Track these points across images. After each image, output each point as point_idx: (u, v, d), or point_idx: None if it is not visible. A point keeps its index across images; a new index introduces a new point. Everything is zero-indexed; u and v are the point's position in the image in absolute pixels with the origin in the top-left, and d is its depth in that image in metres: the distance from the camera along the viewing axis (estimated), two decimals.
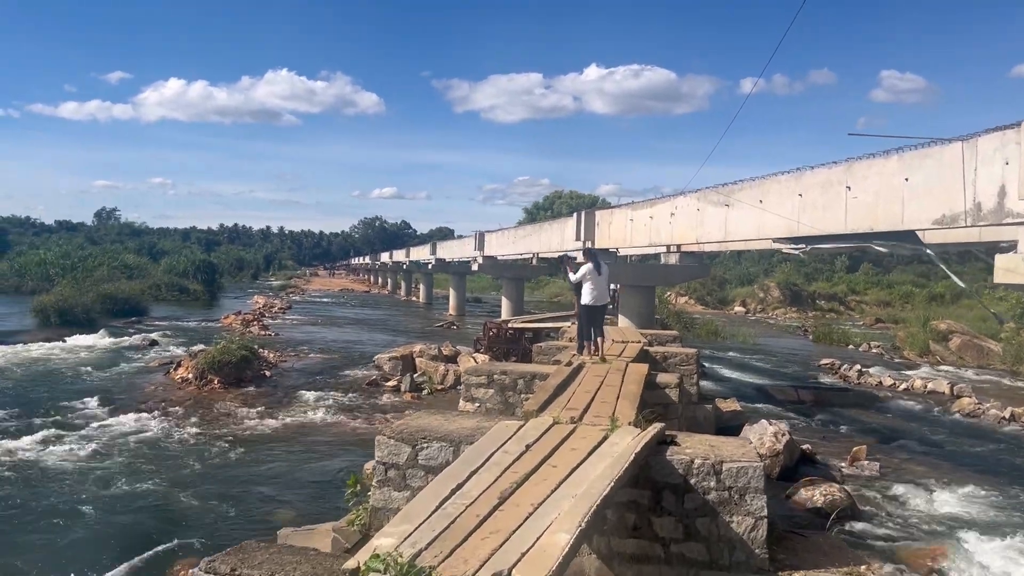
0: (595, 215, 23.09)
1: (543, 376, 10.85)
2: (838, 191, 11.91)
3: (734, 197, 14.87)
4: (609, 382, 9.79)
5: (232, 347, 21.52)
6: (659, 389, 10.68)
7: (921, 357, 34.23)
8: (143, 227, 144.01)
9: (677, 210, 17.67)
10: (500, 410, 11.07)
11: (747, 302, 70.41)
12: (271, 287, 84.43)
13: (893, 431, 18.94)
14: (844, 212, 11.73)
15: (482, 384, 11.16)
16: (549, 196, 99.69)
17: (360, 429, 16.36)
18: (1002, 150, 8.99)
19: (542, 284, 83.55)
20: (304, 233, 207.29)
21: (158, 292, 55.56)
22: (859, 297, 73.98)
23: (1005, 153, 8.93)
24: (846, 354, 35.11)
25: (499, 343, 23.55)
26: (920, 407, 22.27)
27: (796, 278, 77.07)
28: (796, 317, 62.92)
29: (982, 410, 21.17)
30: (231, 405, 18.19)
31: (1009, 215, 8.85)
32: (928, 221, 10.12)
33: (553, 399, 8.56)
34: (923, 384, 24.93)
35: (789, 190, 13.21)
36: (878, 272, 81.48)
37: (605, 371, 10.68)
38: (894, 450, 16.89)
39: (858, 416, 20.72)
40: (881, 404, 22.54)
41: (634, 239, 20.43)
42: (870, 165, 11.27)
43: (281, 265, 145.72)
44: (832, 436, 18.10)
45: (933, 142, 10.10)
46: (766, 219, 13.87)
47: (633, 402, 8.48)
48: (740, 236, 15.22)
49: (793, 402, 22.13)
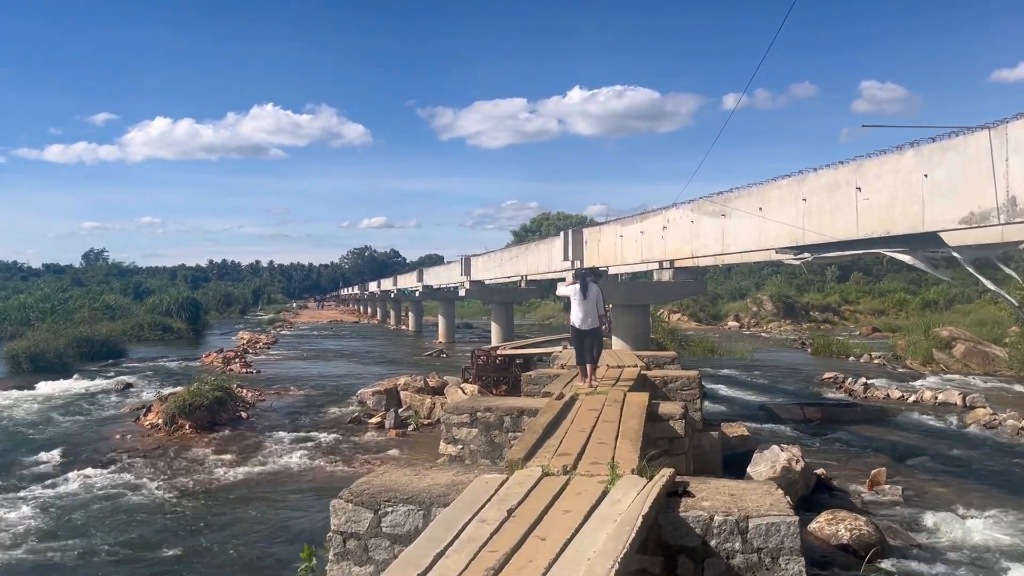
0: (583, 233, 22.04)
1: (532, 411, 9.69)
2: (847, 193, 10.87)
3: (731, 206, 13.83)
4: (606, 416, 8.64)
5: (205, 388, 20.28)
6: (662, 421, 9.53)
7: (925, 366, 33.23)
8: (131, 267, 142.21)
9: (669, 223, 16.62)
10: (485, 451, 9.89)
11: (740, 316, 69.54)
12: (259, 322, 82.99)
13: (908, 448, 17.82)
14: (855, 216, 10.68)
15: (464, 423, 9.99)
16: (536, 218, 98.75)
17: (339, 474, 15.10)
18: None
19: (533, 307, 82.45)
20: (294, 266, 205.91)
21: (140, 332, 54.16)
22: (852, 307, 73.29)
23: None
24: (848, 366, 34.05)
25: (488, 371, 22.38)
26: (933, 420, 21.18)
27: (788, 290, 76.40)
28: (791, 330, 62.07)
29: (998, 421, 20.09)
30: (201, 452, 16.92)
31: None
32: (953, 221, 9.07)
33: (542, 442, 7.40)
34: (933, 396, 23.84)
35: (791, 195, 12.18)
36: (869, 281, 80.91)
37: (601, 403, 9.53)
38: (913, 471, 15.77)
39: (869, 433, 19.62)
40: (892, 419, 21.44)
41: (625, 256, 19.36)
42: (882, 163, 10.24)
43: (270, 299, 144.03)
44: (846, 457, 16.97)
45: (954, 132, 9.07)
46: (767, 228, 12.83)
47: (635, 441, 7.32)
48: (739, 247, 14.15)
49: (799, 420, 21.03)
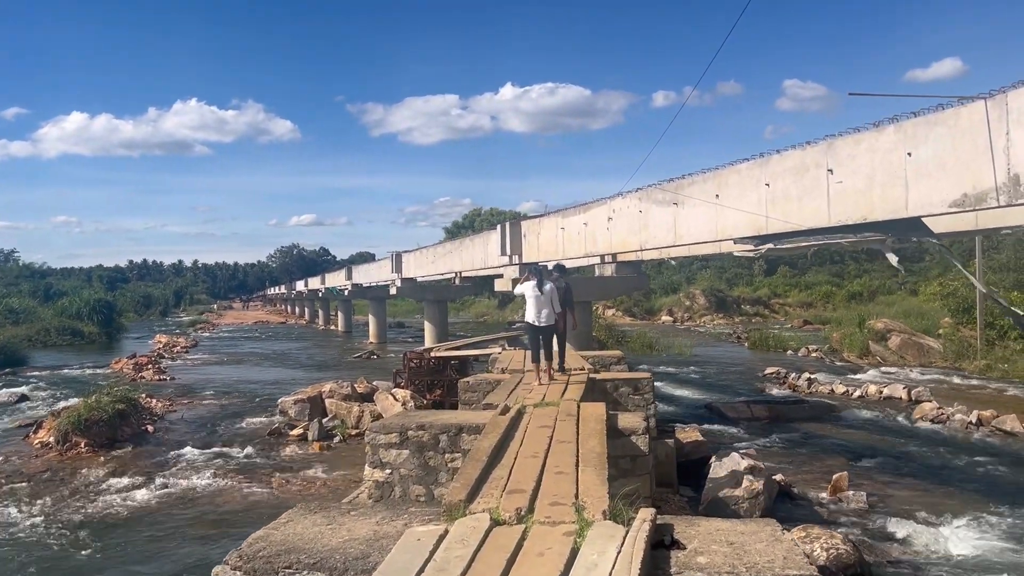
0: (521, 226, 20.77)
1: (473, 427, 8.33)
2: (816, 176, 9.84)
3: (684, 193, 12.72)
4: (561, 435, 7.34)
5: (105, 400, 18.28)
6: (622, 437, 8.30)
7: (861, 358, 33.09)
8: (44, 268, 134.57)
9: (615, 214, 15.45)
10: (418, 477, 8.49)
11: (674, 311, 69.58)
12: (180, 324, 79.45)
13: (862, 448, 17.13)
14: (826, 201, 9.65)
15: (393, 444, 8.55)
16: (469, 214, 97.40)
17: (253, 496, 13.48)
18: None
19: (467, 304, 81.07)
20: (219, 265, 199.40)
21: (47, 337, 50.93)
22: (781, 300, 74.28)
23: None
24: (787, 360, 33.75)
25: (421, 375, 20.90)
26: (881, 416, 20.65)
27: (719, 284, 77.07)
28: (724, 323, 62.34)
29: (945, 415, 19.64)
30: (97, 473, 15.03)
31: None
32: (943, 204, 8.08)
33: (488, 474, 6.06)
34: (877, 390, 23.39)
35: (753, 180, 11.12)
36: (795, 273, 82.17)
37: (553, 417, 8.22)
38: (872, 472, 15.01)
39: (820, 432, 18.91)
40: (840, 415, 20.84)
41: (567, 250, 18.15)
42: (858, 141, 9.21)
43: (193, 300, 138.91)
44: (801, 459, 16.14)
45: (942, 105, 8.07)
46: (725, 216, 11.75)
47: (600, 470, 6.04)
48: (693, 238, 13.05)
49: (747, 419, 20.25)
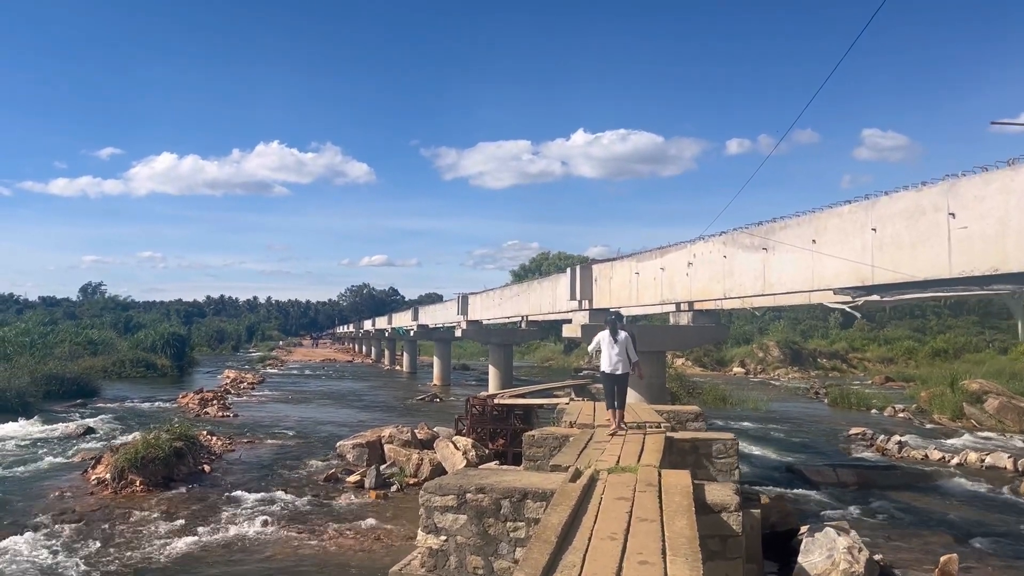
0: (592, 270, 19.85)
1: (538, 494, 7.40)
2: (935, 221, 8.70)
3: (774, 238, 11.65)
4: (642, 511, 6.34)
5: (163, 438, 17.90)
6: (711, 513, 7.23)
7: (955, 421, 30.83)
8: (127, 301, 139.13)
9: (696, 259, 14.42)
10: (476, 547, 7.56)
11: (746, 362, 67.28)
12: (250, 359, 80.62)
13: (967, 524, 15.45)
14: (947, 249, 8.50)
15: (449, 507, 7.67)
16: (536, 258, 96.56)
17: (304, 549, 12.70)
18: None
19: (532, 348, 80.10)
20: (291, 303, 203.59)
21: (121, 369, 51.95)
22: (859, 354, 71.23)
23: None
24: (871, 420, 31.75)
25: (484, 423, 20.01)
26: (984, 488, 18.79)
27: (794, 336, 74.48)
28: (799, 377, 59.88)
29: None
30: (148, 515, 14.53)
31: None
32: None
33: (557, 559, 5.11)
34: (979, 458, 21.44)
35: (856, 224, 10.01)
36: (873, 327, 78.99)
37: (631, 487, 7.22)
38: (981, 555, 13.41)
39: (916, 503, 17.25)
40: (937, 485, 19.06)
41: (641, 296, 17.13)
42: (987, 181, 8.08)
43: (265, 336, 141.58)
44: (898, 535, 14.60)
45: None
46: (823, 264, 10.63)
47: (693, 561, 5.04)
48: (785, 287, 11.91)
49: (833, 484, 18.69)
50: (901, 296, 9.71)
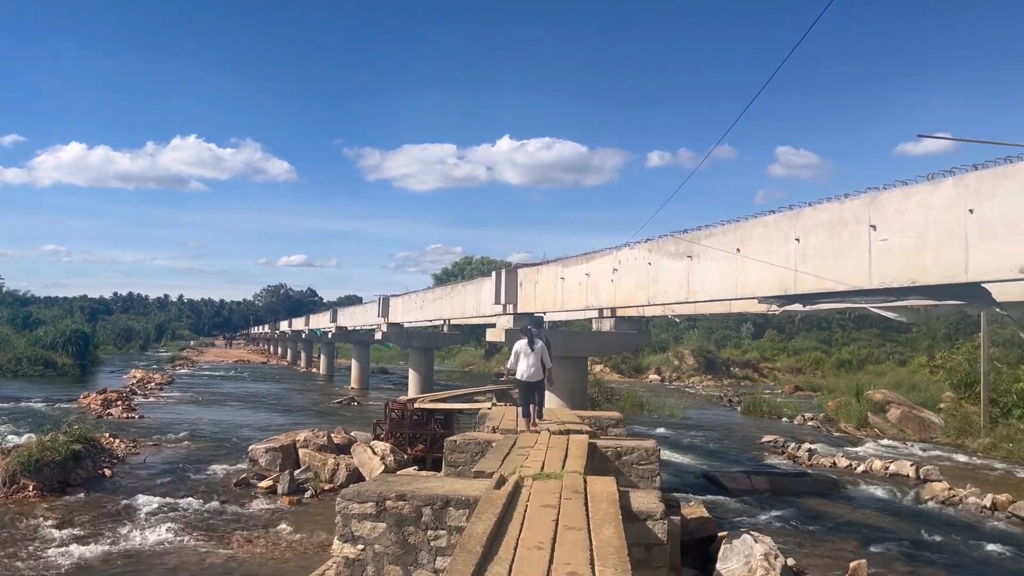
0: (518, 274, 19.73)
1: (462, 501, 7.17)
2: (856, 232, 8.86)
3: (701, 245, 11.73)
4: (568, 519, 6.17)
5: (60, 440, 16.91)
6: (636, 521, 7.12)
7: (860, 430, 31.93)
8: (27, 296, 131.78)
9: (621, 265, 14.45)
10: (395, 556, 7.27)
11: (662, 370, 68.45)
12: (159, 359, 77.67)
13: (874, 530, 15.92)
14: (868, 260, 8.66)
15: (368, 515, 7.35)
16: (460, 262, 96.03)
17: (212, 558, 12.11)
18: None
19: (453, 353, 79.65)
20: (204, 302, 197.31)
21: (18, 367, 49.39)
22: (770, 363, 73.27)
23: None
24: (782, 428, 32.62)
25: (403, 427, 19.62)
26: (888, 495, 19.44)
27: (708, 345, 76.11)
28: (713, 385, 61.19)
29: (958, 497, 18.49)
30: (41, 522, 13.64)
31: None
32: (1012, 269, 7.10)
33: (483, 571, 4.87)
34: (883, 466, 22.21)
35: (781, 234, 10.15)
36: (783, 338, 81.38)
37: (556, 494, 7.05)
38: (888, 559, 13.80)
39: (826, 509, 17.69)
40: (845, 492, 19.61)
41: (566, 301, 17.08)
42: (908, 195, 8.26)
43: (175, 335, 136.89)
44: (810, 540, 14.93)
45: (1011, 158, 7.12)
46: (748, 271, 10.75)
47: (622, 571, 4.87)
48: (709, 294, 12.03)
49: (748, 491, 19.01)
50: (822, 306, 9.90)
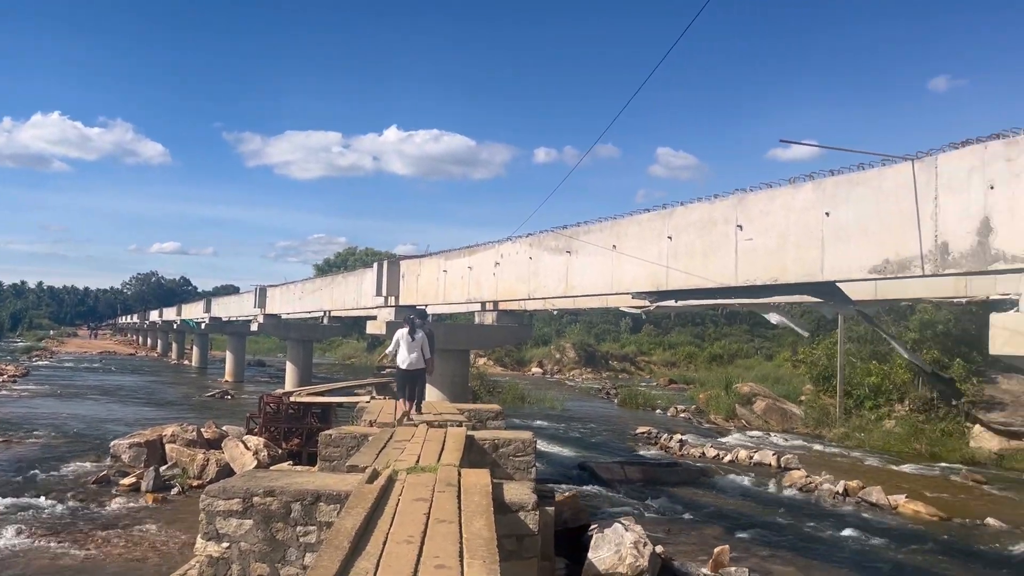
0: (400, 266, 19.52)
1: (332, 496, 7.03)
2: (724, 232, 9.25)
3: (579, 240, 11.95)
4: (440, 512, 6.15)
5: None
6: (508, 512, 7.18)
7: (728, 421, 33.43)
8: None
9: (503, 259, 14.54)
10: (262, 553, 7.05)
11: (544, 363, 69.55)
12: (14, 349, 72.61)
13: (738, 516, 16.71)
14: (734, 259, 9.05)
15: (234, 512, 7.10)
16: (343, 252, 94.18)
17: (64, 560, 11.42)
18: (982, 171, 6.57)
19: (335, 345, 78.14)
20: (67, 289, 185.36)
21: None
22: (647, 357, 75.63)
23: (987, 175, 6.52)
24: (656, 420, 33.72)
25: (278, 421, 19.09)
26: (752, 483, 20.44)
27: (588, 339, 77.78)
28: (592, 378, 62.64)
29: (814, 484, 19.67)
30: None
31: (1000, 258, 6.39)
32: (862, 269, 7.58)
33: (349, 566, 4.79)
34: (748, 455, 23.35)
35: (654, 232, 10.46)
36: (659, 333, 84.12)
37: (430, 488, 7.02)
38: (750, 544, 14.52)
39: (695, 497, 18.44)
40: (712, 481, 20.49)
41: (448, 294, 17.05)
42: (772, 197, 8.68)
43: (33, 324, 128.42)
44: (679, 528, 15.52)
45: (864, 165, 7.60)
46: (623, 268, 11.03)
47: (490, 563, 4.90)
48: (586, 289, 12.28)
49: (622, 481, 19.57)
50: (693, 302, 10.30)
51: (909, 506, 17.51)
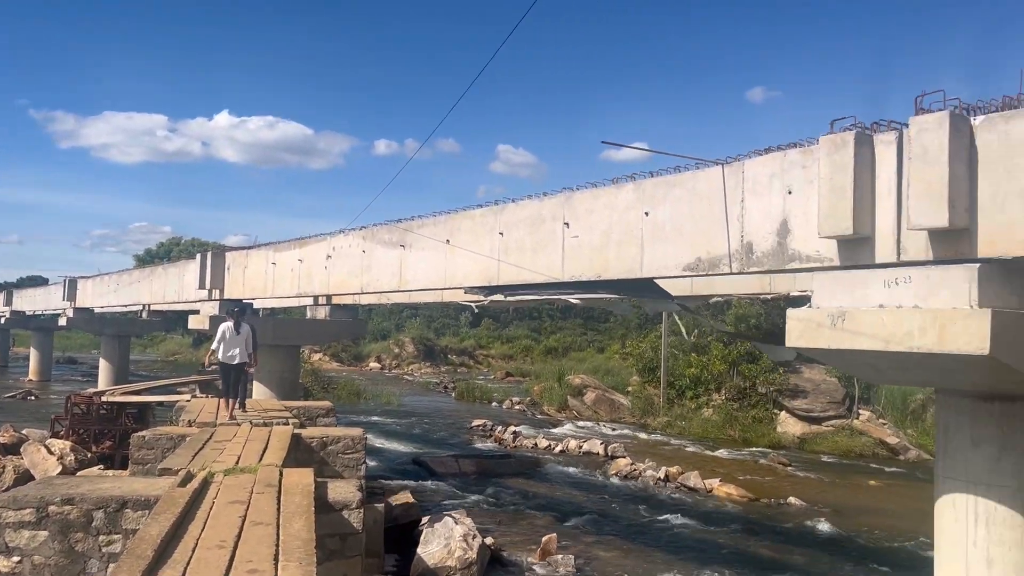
0: (225, 258, 18.62)
1: (141, 502, 6.60)
2: (553, 229, 9.48)
3: (413, 234, 11.87)
4: (257, 514, 5.91)
5: None
6: (332, 511, 7.03)
7: (560, 412, 34.44)
8: None
9: (335, 252, 14.20)
10: (59, 567, 6.52)
11: (382, 358, 68.94)
12: None
13: (567, 505, 17.26)
14: (561, 255, 9.30)
15: (26, 523, 6.50)
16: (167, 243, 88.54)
17: None
18: (781, 176, 7.10)
19: (157, 341, 73.59)
20: None
21: None
22: (486, 351, 76.55)
23: (786, 180, 7.05)
24: (492, 412, 34.20)
25: (88, 423, 17.74)
26: (582, 472, 21.18)
27: (428, 333, 77.78)
28: (431, 372, 62.70)
29: (638, 471, 20.63)
30: None
31: (795, 258, 6.94)
32: (678, 267, 8.00)
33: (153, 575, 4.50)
34: (578, 445, 24.15)
35: (487, 228, 10.56)
36: (498, 326, 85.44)
37: (248, 489, 6.73)
38: (577, 532, 15.03)
39: (527, 488, 18.87)
40: (544, 471, 21.05)
41: (278, 288, 16.45)
42: (596, 196, 8.98)
43: None
44: (510, 519, 15.82)
45: (680, 168, 8.02)
46: (457, 263, 11.06)
47: (307, 565, 4.76)
48: (421, 284, 12.21)
49: (456, 475, 19.72)
50: (523, 296, 10.51)
51: (722, 489, 18.73)
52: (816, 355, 7.36)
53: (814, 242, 6.74)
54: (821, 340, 6.49)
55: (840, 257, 6.68)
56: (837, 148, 6.48)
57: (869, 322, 6.23)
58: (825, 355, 7.07)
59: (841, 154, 6.44)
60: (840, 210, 6.40)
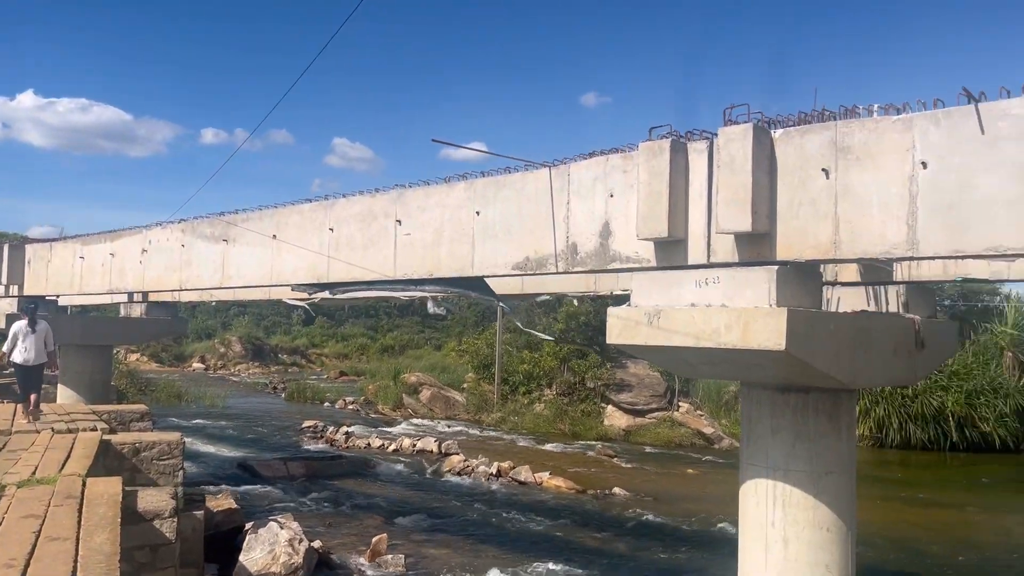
0: (25, 250, 17.00)
1: None
2: (384, 226, 9.36)
3: (238, 228, 11.34)
4: (54, 529, 5.45)
5: None
6: (143, 521, 6.60)
7: (395, 411, 34.22)
8: None
9: (152, 246, 13.31)
10: None
11: (207, 358, 65.68)
12: None
13: (399, 504, 17.17)
14: (393, 252, 9.20)
15: None
16: None
17: None
18: (604, 180, 7.38)
19: None
20: None
21: None
22: (319, 350, 74.68)
23: (609, 184, 7.34)
24: (324, 413, 33.45)
25: None
26: (415, 470, 21.15)
27: (257, 332, 74.89)
28: (260, 372, 60.50)
29: (471, 467, 20.87)
30: None
31: (616, 259, 7.23)
32: (507, 266, 8.13)
33: None
34: (411, 443, 24.07)
35: (316, 223, 10.27)
36: (332, 325, 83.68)
37: (46, 500, 6.19)
38: (409, 531, 14.99)
39: (358, 489, 18.59)
40: (376, 471, 20.82)
41: (86, 283, 15.21)
42: (429, 194, 8.96)
43: None
44: (340, 520, 15.54)
45: (510, 169, 8.17)
46: (284, 259, 10.68)
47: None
48: (245, 280, 11.67)
49: (284, 478, 19.13)
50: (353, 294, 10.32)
51: (552, 482, 19.28)
52: (635, 351, 7.73)
53: (633, 244, 7.08)
54: (639, 337, 6.83)
55: (657, 258, 7.06)
56: (655, 155, 6.83)
57: (682, 320, 6.62)
58: (644, 351, 7.43)
59: (658, 160, 6.80)
60: (657, 213, 6.76)
